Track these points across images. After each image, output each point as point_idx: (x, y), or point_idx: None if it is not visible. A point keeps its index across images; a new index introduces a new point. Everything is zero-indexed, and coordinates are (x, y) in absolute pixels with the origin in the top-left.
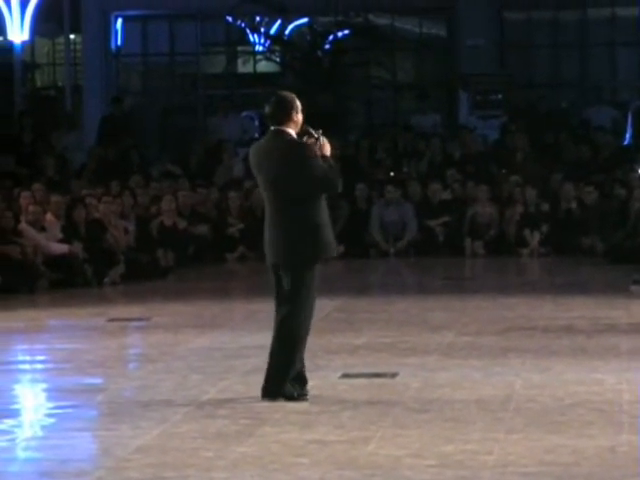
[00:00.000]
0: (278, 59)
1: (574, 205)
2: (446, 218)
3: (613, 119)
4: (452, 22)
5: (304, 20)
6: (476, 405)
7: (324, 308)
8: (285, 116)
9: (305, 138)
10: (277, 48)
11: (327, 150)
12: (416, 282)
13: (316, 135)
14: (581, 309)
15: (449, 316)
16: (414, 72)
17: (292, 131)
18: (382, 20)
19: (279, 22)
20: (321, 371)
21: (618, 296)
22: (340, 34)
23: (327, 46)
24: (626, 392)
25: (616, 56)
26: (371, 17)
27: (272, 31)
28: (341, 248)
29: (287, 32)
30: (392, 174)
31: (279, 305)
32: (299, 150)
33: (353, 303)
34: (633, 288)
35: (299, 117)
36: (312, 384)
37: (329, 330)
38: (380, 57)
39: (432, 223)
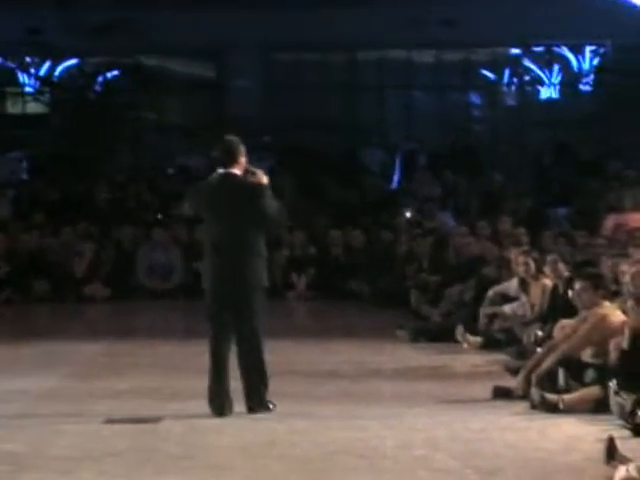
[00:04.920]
0: (48, 100)
1: (341, 249)
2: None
3: (382, 162)
4: (220, 63)
5: (74, 61)
6: (240, 451)
7: (87, 352)
8: (232, 160)
9: (249, 176)
10: (46, 89)
11: (264, 181)
12: (182, 326)
13: (253, 170)
14: (347, 353)
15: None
16: (183, 113)
17: (238, 172)
18: (151, 61)
19: (49, 63)
20: (84, 416)
21: (384, 341)
22: (110, 75)
23: (98, 87)
24: (389, 438)
25: (385, 99)
26: (141, 58)
27: (42, 72)
28: (107, 291)
29: (57, 73)
30: (159, 216)
31: (233, 332)
32: (254, 191)
33: (117, 347)
34: (399, 333)
35: (243, 160)
36: (74, 430)
37: (93, 374)
38: (149, 98)
39: (199, 265)
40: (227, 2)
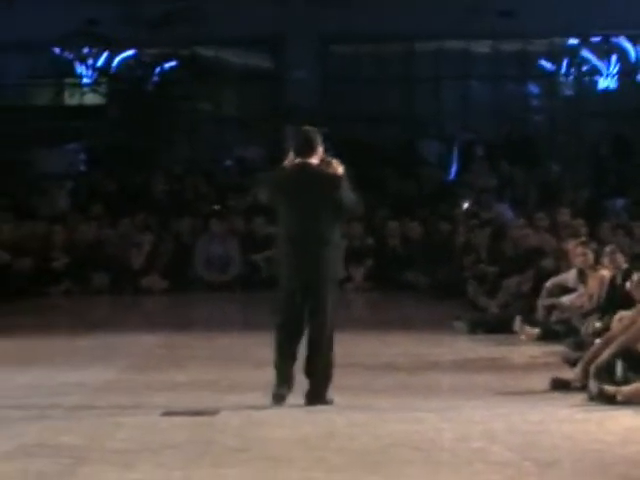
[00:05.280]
0: (105, 91)
1: (398, 240)
2: (271, 252)
3: (439, 153)
4: (277, 54)
5: (131, 52)
6: (298, 443)
7: (145, 344)
8: (309, 149)
9: (324, 166)
10: (104, 80)
11: (340, 171)
12: (240, 317)
13: (329, 160)
14: (404, 345)
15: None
16: (240, 105)
17: (315, 162)
18: (208, 52)
19: (106, 54)
20: (142, 408)
21: (441, 332)
22: (167, 66)
23: (155, 78)
24: (447, 431)
25: (442, 90)
26: (198, 49)
27: (99, 63)
28: (164, 283)
29: (114, 64)
30: (217, 208)
31: (303, 323)
32: (332, 182)
33: (175, 339)
34: (456, 324)
35: (320, 150)
36: (132, 422)
37: (151, 366)
38: (206, 89)
39: (257, 257)
40: None
